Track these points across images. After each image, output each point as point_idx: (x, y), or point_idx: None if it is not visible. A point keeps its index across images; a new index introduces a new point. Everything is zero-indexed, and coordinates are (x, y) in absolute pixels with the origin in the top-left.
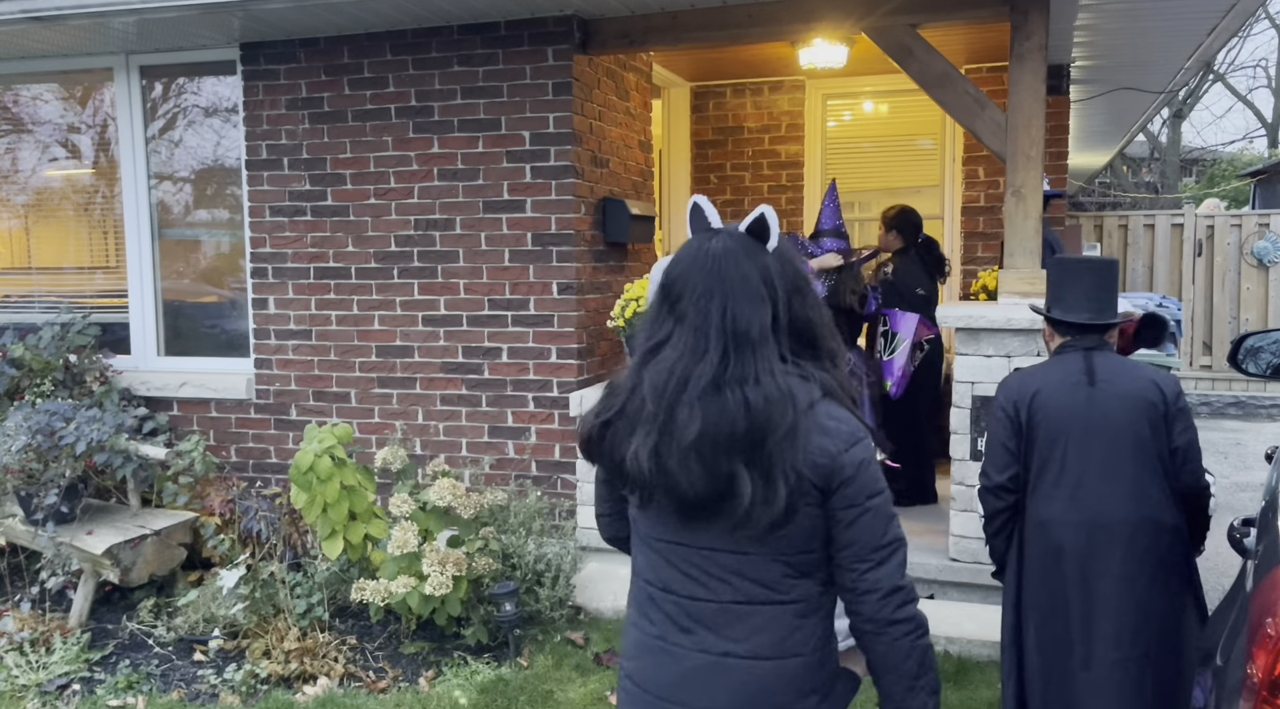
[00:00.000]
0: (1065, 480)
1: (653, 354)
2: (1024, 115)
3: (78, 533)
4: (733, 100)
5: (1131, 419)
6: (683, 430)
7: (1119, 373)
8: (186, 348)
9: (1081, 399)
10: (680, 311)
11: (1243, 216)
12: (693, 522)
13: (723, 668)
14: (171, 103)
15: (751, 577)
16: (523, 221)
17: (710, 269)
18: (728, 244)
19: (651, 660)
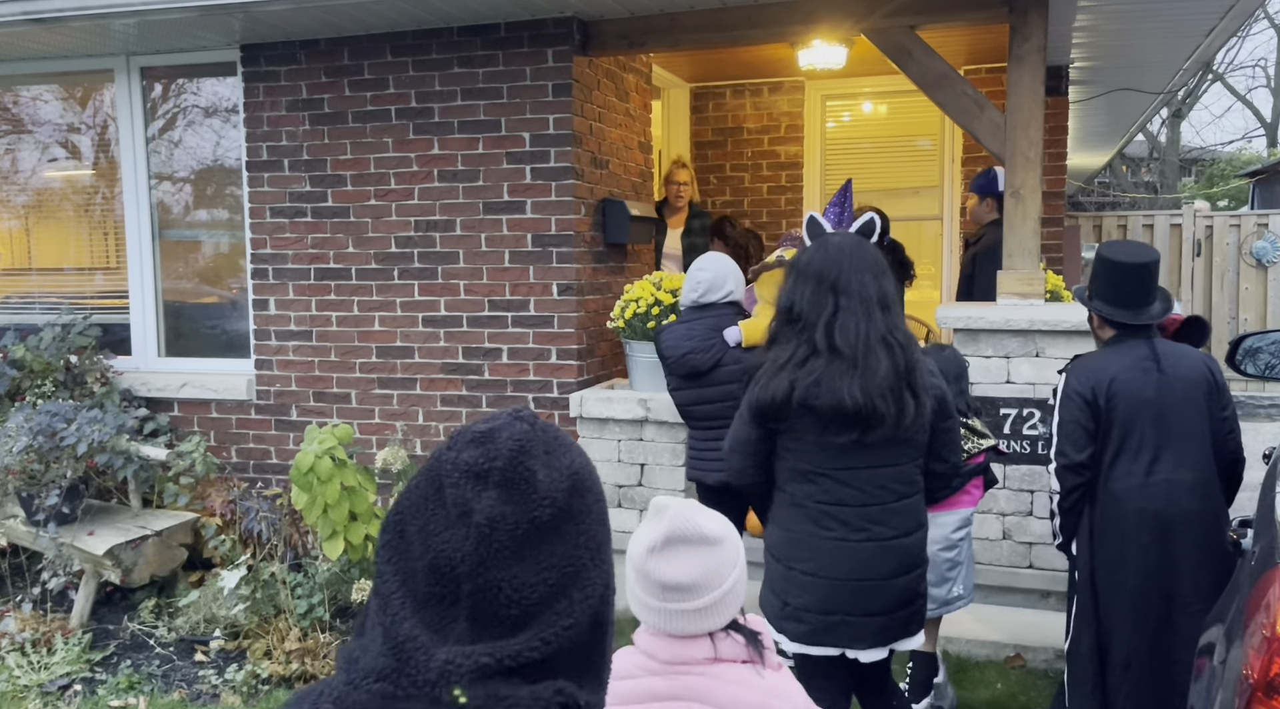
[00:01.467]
0: (1142, 457)
1: (833, 321)
2: (1022, 117)
3: (79, 533)
4: (732, 101)
5: (1194, 398)
6: (874, 371)
7: (1179, 357)
8: (187, 349)
9: (1153, 382)
10: (842, 289)
11: (1241, 217)
12: (867, 447)
13: (887, 548)
14: (172, 104)
15: (900, 481)
16: (523, 223)
17: (852, 258)
18: (854, 241)
19: (829, 556)
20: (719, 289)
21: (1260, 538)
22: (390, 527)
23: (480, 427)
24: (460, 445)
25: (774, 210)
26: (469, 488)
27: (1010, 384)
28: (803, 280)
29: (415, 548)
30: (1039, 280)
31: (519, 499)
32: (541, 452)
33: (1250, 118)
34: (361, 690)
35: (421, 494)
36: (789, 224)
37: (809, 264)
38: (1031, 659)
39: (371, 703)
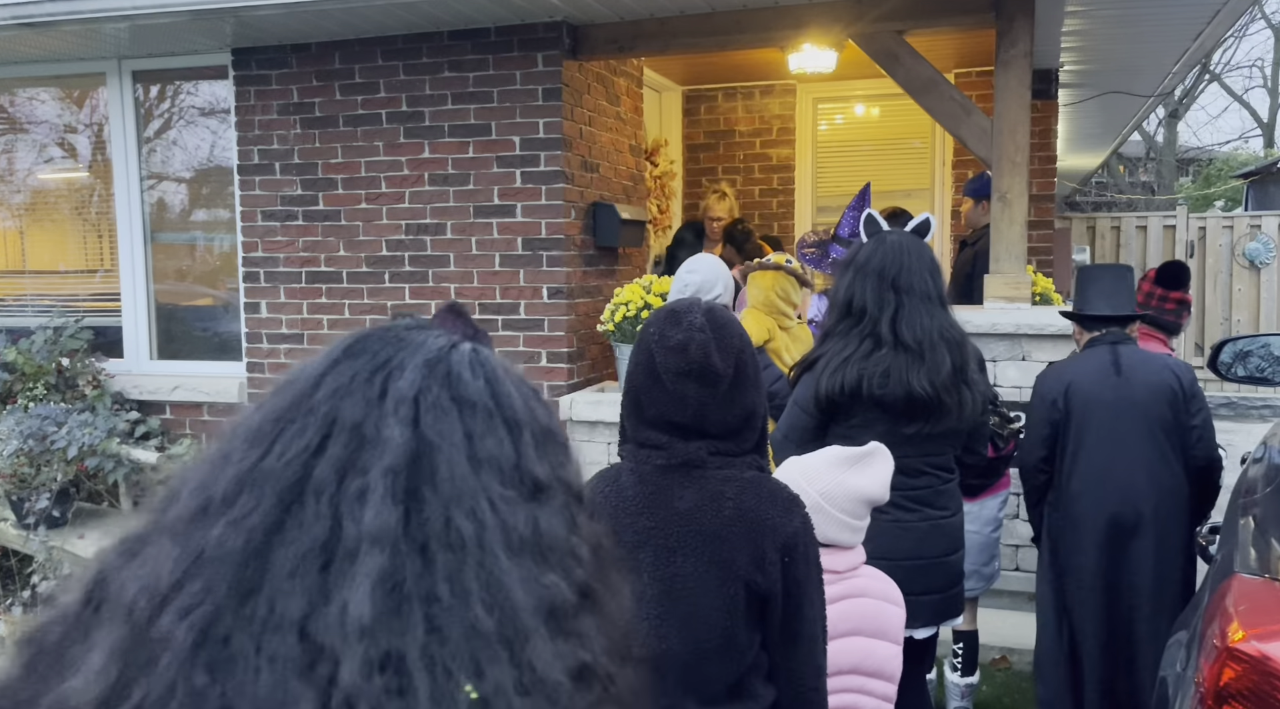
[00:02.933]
0: (1097, 459)
1: (898, 316)
2: (1009, 121)
3: (69, 537)
4: (724, 104)
5: (1155, 403)
6: (939, 365)
7: (1142, 363)
8: (179, 351)
9: (1110, 386)
10: (903, 285)
11: (1234, 218)
12: (924, 438)
13: (939, 528)
14: (164, 107)
15: (946, 466)
16: (513, 226)
17: (911, 256)
18: (911, 239)
19: (889, 539)
20: (708, 291)
21: (1224, 545)
22: (628, 394)
23: (677, 336)
24: (664, 351)
25: (766, 213)
26: (679, 383)
27: (997, 387)
28: (863, 276)
29: (648, 410)
30: (1025, 284)
31: (710, 384)
32: (715, 349)
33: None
34: (647, 464)
35: (647, 381)
36: (780, 227)
37: (869, 260)
38: (1018, 661)
39: (655, 469)
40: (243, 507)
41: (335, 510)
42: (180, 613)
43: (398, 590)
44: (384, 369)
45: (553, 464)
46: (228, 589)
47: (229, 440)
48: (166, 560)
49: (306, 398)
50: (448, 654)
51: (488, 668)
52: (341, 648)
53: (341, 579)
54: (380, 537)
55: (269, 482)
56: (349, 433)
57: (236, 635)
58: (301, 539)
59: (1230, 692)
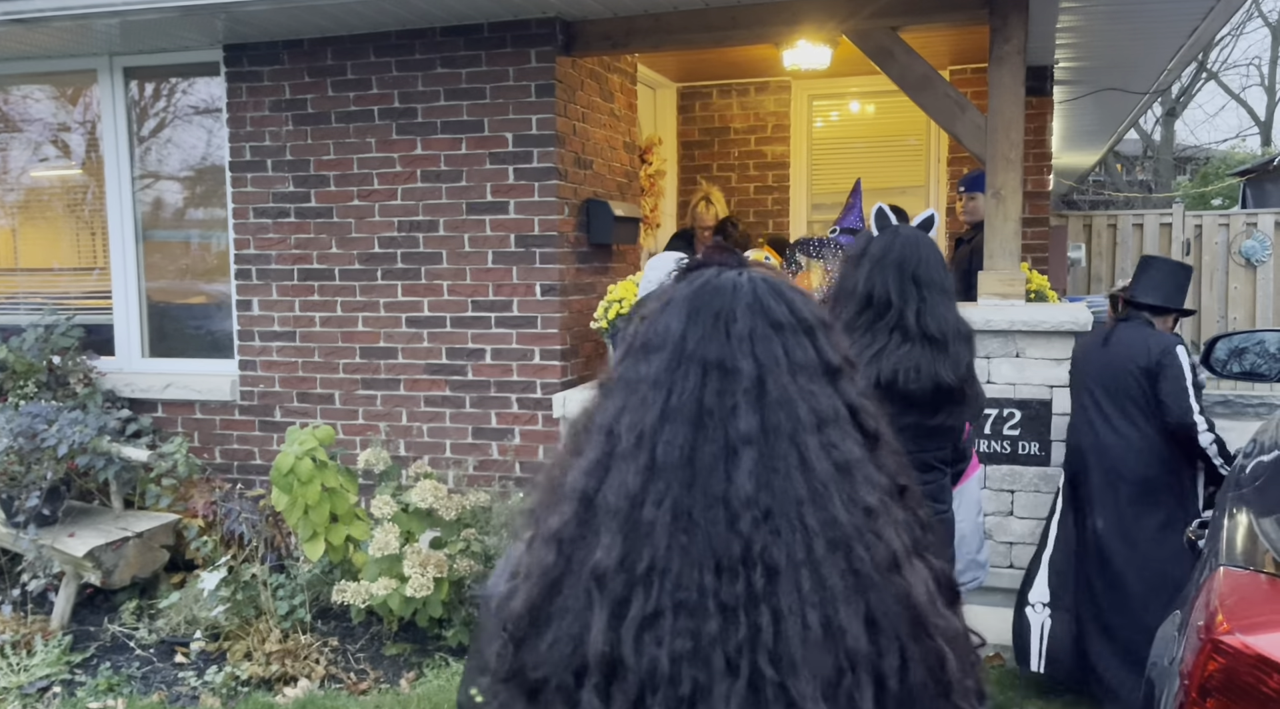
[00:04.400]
0: (1081, 418)
1: (922, 308)
2: (1003, 118)
3: (59, 535)
4: (719, 101)
5: (1129, 372)
6: (961, 356)
7: (1127, 338)
8: (171, 349)
9: (1095, 358)
10: (922, 279)
11: (1230, 216)
12: (936, 431)
13: (944, 522)
14: (155, 104)
15: (947, 461)
16: (506, 223)
17: (926, 250)
18: (922, 234)
19: None
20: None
21: (1211, 539)
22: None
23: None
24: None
25: (761, 210)
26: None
27: (991, 384)
28: (882, 268)
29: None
30: (1019, 281)
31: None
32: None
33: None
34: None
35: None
36: (776, 225)
37: (887, 253)
38: (1010, 659)
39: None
40: (670, 432)
41: (724, 424)
42: (656, 504)
43: (765, 469)
44: (722, 316)
45: (835, 348)
46: (679, 485)
47: (632, 388)
48: (632, 474)
49: (681, 349)
50: (796, 501)
51: (825, 504)
52: (741, 511)
53: (734, 468)
54: (749, 437)
55: (680, 412)
56: (716, 369)
57: (693, 511)
58: (709, 447)
59: (1215, 684)
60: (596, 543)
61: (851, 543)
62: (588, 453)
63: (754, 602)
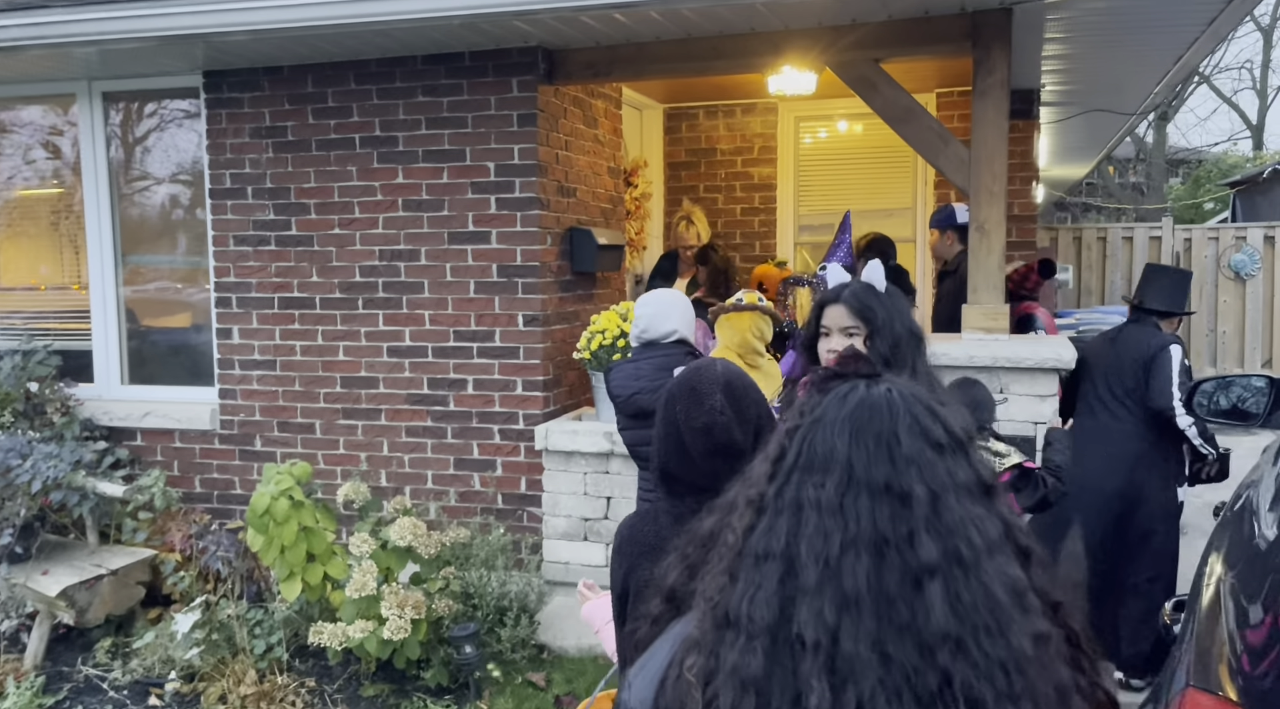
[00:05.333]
0: (1083, 408)
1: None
2: (987, 151)
3: (32, 573)
4: (705, 122)
5: (1127, 364)
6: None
7: (1133, 336)
8: (150, 376)
9: (1102, 350)
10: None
11: (1220, 229)
12: None
13: None
14: (134, 129)
15: None
16: (488, 253)
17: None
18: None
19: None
20: (658, 328)
21: (1180, 640)
22: (656, 458)
23: (701, 419)
24: (691, 433)
25: (748, 232)
26: (706, 460)
27: None
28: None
29: (679, 473)
30: (1003, 315)
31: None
32: (736, 426)
33: (1236, 120)
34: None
35: (677, 456)
36: (763, 246)
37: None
38: None
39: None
40: (853, 562)
41: (902, 552)
42: (854, 639)
43: (952, 599)
44: (884, 438)
45: (984, 463)
46: (871, 618)
47: (800, 511)
48: (826, 607)
49: (849, 473)
50: (985, 631)
51: (1006, 633)
52: (936, 644)
53: (921, 599)
54: (933, 566)
55: (860, 540)
56: (887, 494)
57: (887, 645)
58: (891, 576)
59: None
60: (792, 683)
61: (1029, 672)
62: (753, 578)
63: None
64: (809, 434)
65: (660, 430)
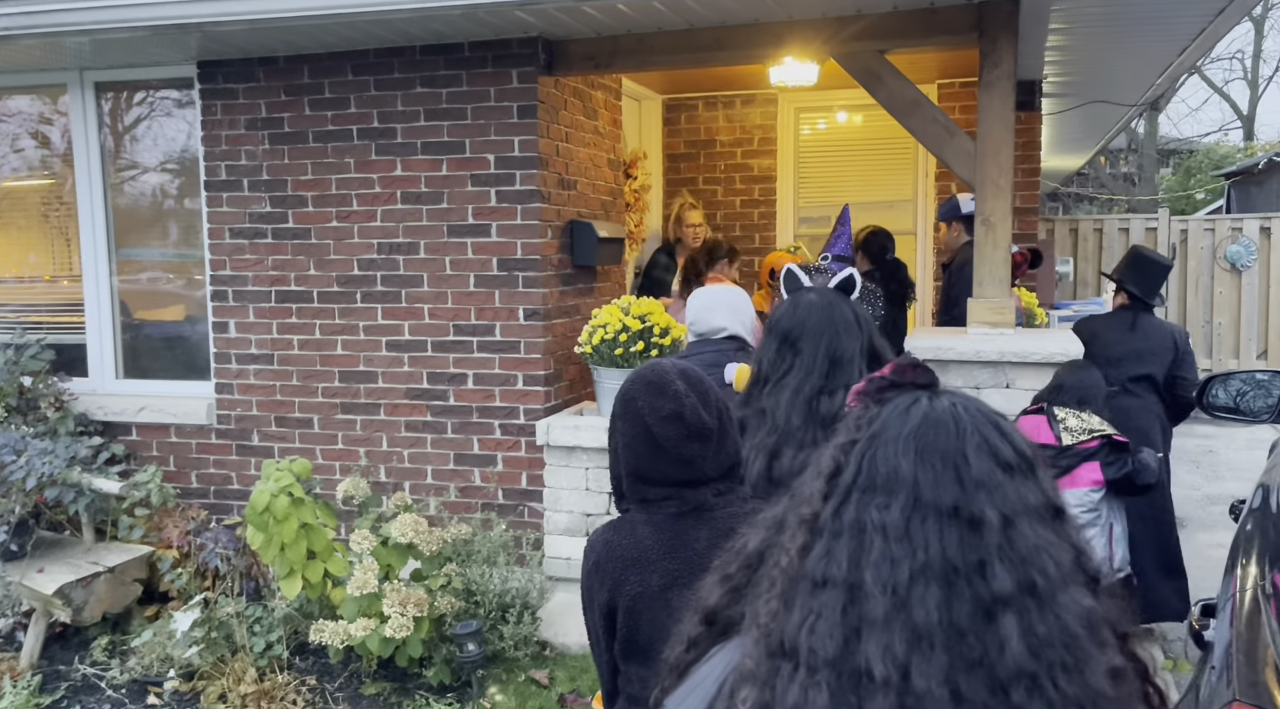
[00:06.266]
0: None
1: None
2: (993, 143)
3: (28, 571)
4: (705, 113)
5: (1155, 354)
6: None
7: (1151, 327)
8: (145, 370)
9: (1121, 339)
10: (800, 349)
11: (1216, 221)
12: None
13: None
14: (127, 120)
15: None
16: (488, 246)
17: (816, 316)
18: (822, 301)
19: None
20: (706, 323)
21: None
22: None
23: (669, 406)
24: (661, 423)
25: (747, 224)
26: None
27: None
28: (770, 338)
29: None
30: (1009, 309)
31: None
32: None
33: (1228, 110)
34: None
35: (649, 451)
36: (762, 239)
37: (777, 322)
38: None
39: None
40: (922, 591)
41: (971, 581)
42: (925, 675)
43: (1027, 633)
44: (951, 459)
45: (1053, 485)
46: (943, 652)
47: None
48: (897, 641)
49: (915, 496)
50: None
51: (1083, 669)
52: (1011, 681)
53: (993, 632)
54: (1007, 597)
55: (930, 569)
56: (955, 518)
57: (959, 681)
58: (961, 607)
59: None
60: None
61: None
62: (811, 606)
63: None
64: (868, 451)
65: (625, 436)
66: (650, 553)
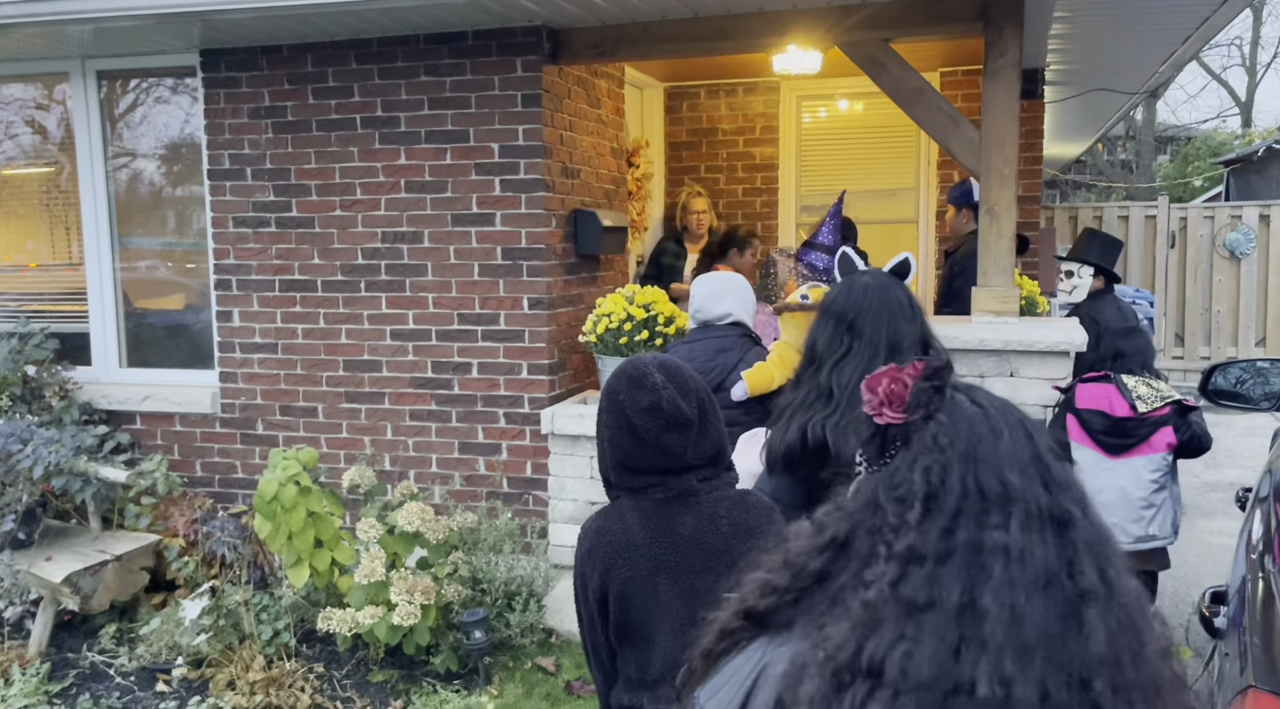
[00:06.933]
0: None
1: (841, 363)
2: (997, 133)
3: (36, 559)
4: (707, 101)
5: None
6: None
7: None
8: (149, 359)
9: (1125, 329)
10: (857, 331)
11: (1215, 208)
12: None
13: None
14: (130, 108)
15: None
16: (492, 235)
17: (874, 300)
18: (879, 283)
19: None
20: (712, 309)
21: (1234, 628)
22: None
23: (646, 398)
24: (639, 414)
25: (749, 213)
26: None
27: None
28: (824, 319)
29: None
30: (1013, 298)
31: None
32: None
33: (1226, 96)
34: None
35: (630, 441)
36: (764, 227)
37: (832, 304)
38: None
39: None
40: (1030, 607)
41: (1063, 586)
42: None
43: (1106, 626)
44: (1036, 467)
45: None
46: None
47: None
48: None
49: (1025, 510)
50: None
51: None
52: (1093, 674)
53: (1077, 629)
54: (1093, 593)
55: (1036, 581)
56: (1053, 523)
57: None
58: (1052, 611)
59: None
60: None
61: (1164, 693)
62: (906, 630)
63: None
64: (968, 471)
65: (609, 428)
66: (638, 538)
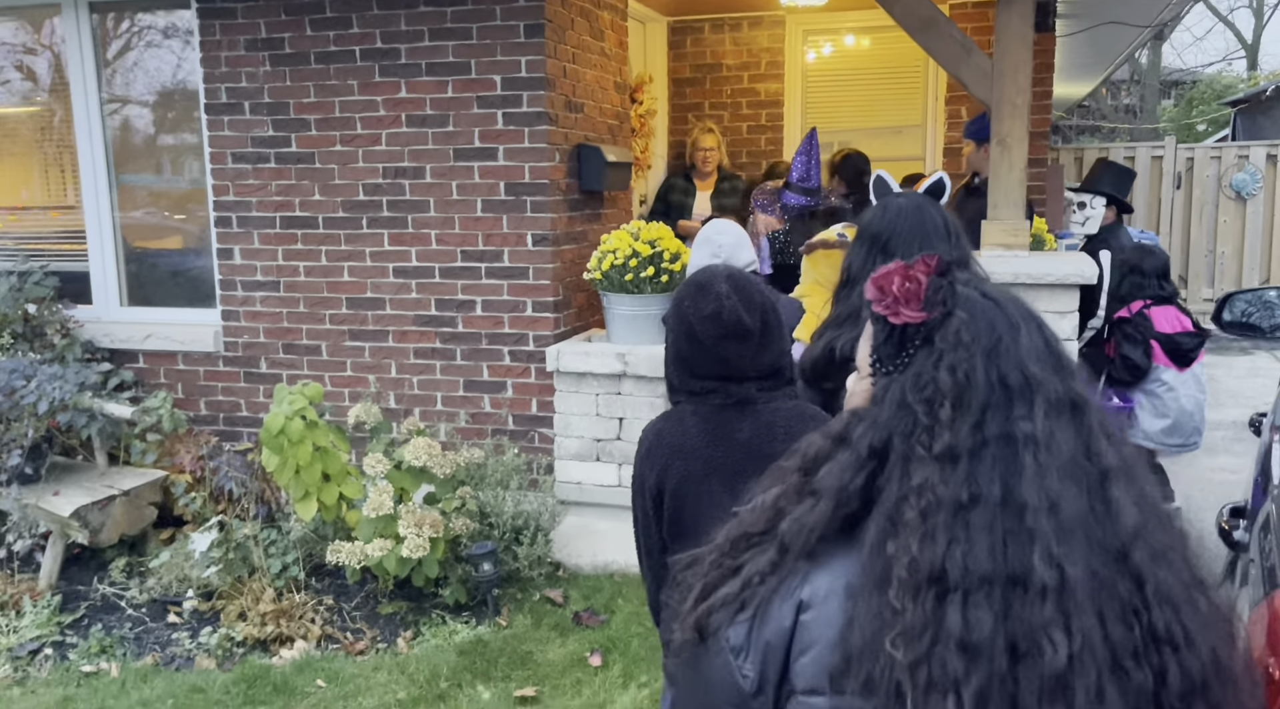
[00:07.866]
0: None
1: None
2: (1010, 62)
3: (44, 494)
4: (711, 36)
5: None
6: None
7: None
8: (150, 298)
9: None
10: (892, 251)
11: (1223, 148)
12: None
13: None
14: (124, 41)
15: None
16: (495, 170)
17: (909, 221)
18: (915, 203)
19: None
20: (739, 258)
21: (1253, 538)
22: (676, 357)
23: (709, 306)
24: (701, 321)
25: (754, 150)
26: (719, 345)
27: None
28: (859, 242)
29: (698, 368)
30: (1024, 231)
31: (744, 339)
32: (743, 310)
33: (1232, 39)
34: (705, 404)
35: (690, 347)
36: (769, 164)
37: (867, 226)
38: None
39: (713, 408)
40: (1065, 493)
41: (1086, 468)
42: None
43: (1130, 500)
44: (1049, 353)
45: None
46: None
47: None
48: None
49: (1046, 398)
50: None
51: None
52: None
53: (1106, 504)
54: (1116, 469)
55: (1064, 467)
56: (1072, 409)
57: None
58: (1081, 493)
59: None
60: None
61: (1190, 560)
62: (955, 530)
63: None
64: (990, 365)
65: (674, 332)
66: (695, 441)
